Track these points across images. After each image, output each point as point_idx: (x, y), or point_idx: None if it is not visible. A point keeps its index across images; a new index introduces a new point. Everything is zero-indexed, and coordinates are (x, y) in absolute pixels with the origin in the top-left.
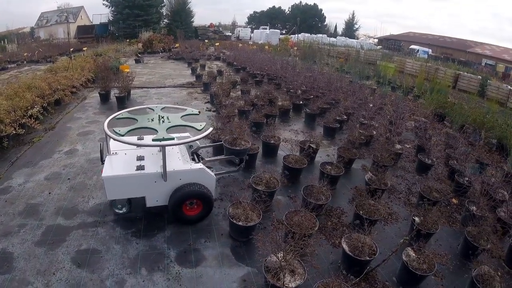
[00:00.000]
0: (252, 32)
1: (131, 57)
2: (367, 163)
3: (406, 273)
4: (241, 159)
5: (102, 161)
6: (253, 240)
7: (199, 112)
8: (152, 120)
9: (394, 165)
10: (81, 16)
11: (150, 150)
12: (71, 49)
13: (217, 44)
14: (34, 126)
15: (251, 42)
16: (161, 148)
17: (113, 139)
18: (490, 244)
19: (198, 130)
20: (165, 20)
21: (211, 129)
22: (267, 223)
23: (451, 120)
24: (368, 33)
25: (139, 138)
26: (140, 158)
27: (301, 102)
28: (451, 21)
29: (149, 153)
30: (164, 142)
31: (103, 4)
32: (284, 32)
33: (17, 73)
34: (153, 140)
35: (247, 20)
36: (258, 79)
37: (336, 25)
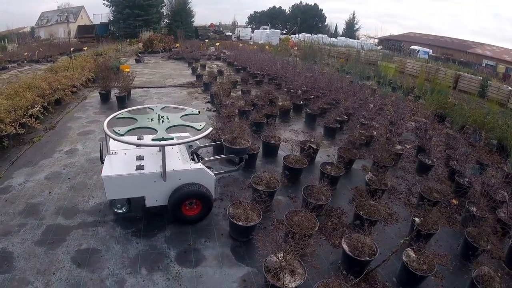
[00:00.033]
0: (253, 32)
1: (132, 57)
2: (368, 164)
3: (406, 274)
4: (241, 158)
5: (102, 161)
6: (253, 240)
7: (199, 112)
8: (152, 120)
9: (395, 166)
10: (82, 16)
11: (150, 150)
12: (72, 49)
13: (218, 44)
14: (35, 126)
15: (252, 42)
16: (161, 148)
17: (113, 139)
18: (490, 245)
19: (198, 130)
20: (166, 20)
21: (211, 129)
22: (267, 223)
23: (452, 121)
24: (369, 33)
25: (139, 138)
26: (140, 158)
27: (302, 102)
28: (452, 21)
29: (149, 153)
30: (164, 142)
31: (104, 4)
32: (285, 32)
33: (18, 73)
34: (153, 140)
35: (248, 20)
36: (259, 79)
37: (337, 25)
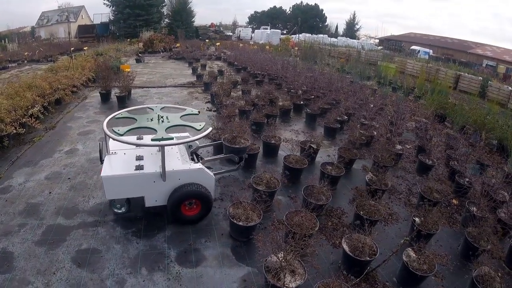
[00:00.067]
0: (253, 32)
1: (132, 57)
2: (368, 164)
3: (407, 274)
4: (241, 158)
5: (101, 161)
6: (254, 240)
7: (199, 112)
8: (152, 120)
9: (395, 166)
10: (82, 16)
11: (150, 150)
12: (72, 49)
13: (218, 44)
14: (35, 126)
15: (252, 42)
16: (160, 148)
17: (112, 139)
18: (491, 245)
19: (198, 130)
20: (166, 20)
21: (210, 129)
22: (268, 223)
23: (452, 121)
24: (369, 34)
25: (139, 138)
26: (139, 158)
27: (302, 102)
28: (452, 21)
29: (148, 153)
30: (163, 142)
31: (104, 4)
32: (285, 32)
33: (18, 73)
34: (152, 140)
35: (248, 20)
36: (259, 79)
37: (337, 26)
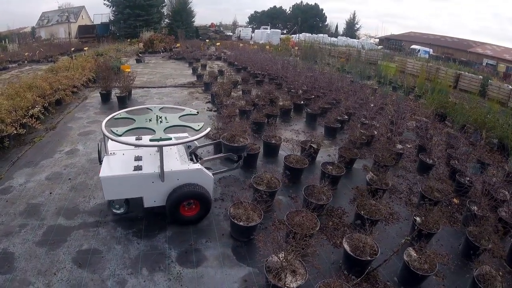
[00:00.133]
0: (253, 32)
1: (132, 57)
2: (368, 163)
3: (408, 273)
4: (239, 156)
5: (100, 161)
6: (254, 240)
7: (198, 112)
8: (150, 120)
9: (395, 165)
10: (82, 16)
11: (148, 151)
12: (72, 49)
13: (218, 44)
14: (35, 126)
15: (252, 42)
16: (159, 149)
17: (111, 139)
18: (492, 244)
19: (196, 130)
20: (166, 20)
21: (209, 129)
22: (268, 223)
23: (452, 120)
24: (369, 33)
25: (138, 138)
26: (138, 159)
27: (302, 102)
28: (452, 21)
29: (147, 154)
30: (162, 143)
31: (104, 4)
32: (285, 32)
33: (18, 73)
34: (150, 140)
35: (248, 20)
36: (259, 79)
37: (337, 25)
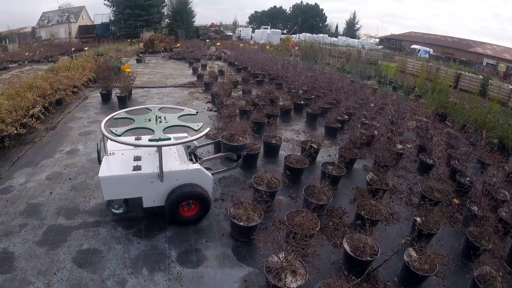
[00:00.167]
0: (253, 32)
1: (133, 57)
2: (369, 163)
3: (408, 274)
4: (239, 155)
5: (99, 161)
6: (255, 241)
7: (197, 113)
8: (149, 121)
9: (396, 165)
10: (83, 16)
11: (148, 151)
12: (73, 49)
13: (218, 44)
14: (36, 126)
15: (252, 42)
16: (158, 149)
17: (110, 139)
18: (492, 244)
19: (195, 130)
20: (166, 20)
21: (208, 129)
22: (269, 223)
23: (453, 120)
24: (369, 33)
25: (137, 138)
26: (137, 159)
27: (303, 102)
28: (452, 21)
29: (146, 154)
30: (161, 143)
31: (104, 4)
32: (285, 32)
33: (19, 73)
34: (150, 141)
35: (248, 20)
36: (259, 79)
37: (337, 25)
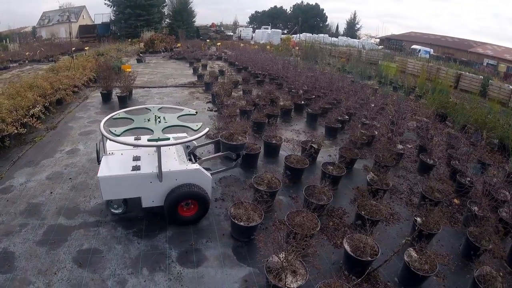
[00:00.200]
0: (254, 32)
1: (133, 57)
2: (369, 163)
3: (408, 274)
4: (238, 154)
5: (99, 161)
6: (255, 241)
7: (196, 113)
8: (149, 120)
9: (396, 165)
10: (83, 16)
11: (147, 151)
12: (73, 49)
13: (219, 44)
14: (36, 126)
15: (253, 42)
16: (157, 149)
17: (109, 139)
18: (492, 245)
19: (195, 130)
20: (167, 20)
21: (207, 129)
22: (269, 223)
23: (453, 120)
24: (370, 33)
25: (136, 138)
26: (136, 159)
27: (303, 102)
28: (452, 21)
29: (146, 154)
30: (160, 143)
31: (105, 4)
32: (286, 32)
33: (19, 73)
34: (149, 141)
35: (249, 20)
36: (260, 79)
37: (338, 25)
